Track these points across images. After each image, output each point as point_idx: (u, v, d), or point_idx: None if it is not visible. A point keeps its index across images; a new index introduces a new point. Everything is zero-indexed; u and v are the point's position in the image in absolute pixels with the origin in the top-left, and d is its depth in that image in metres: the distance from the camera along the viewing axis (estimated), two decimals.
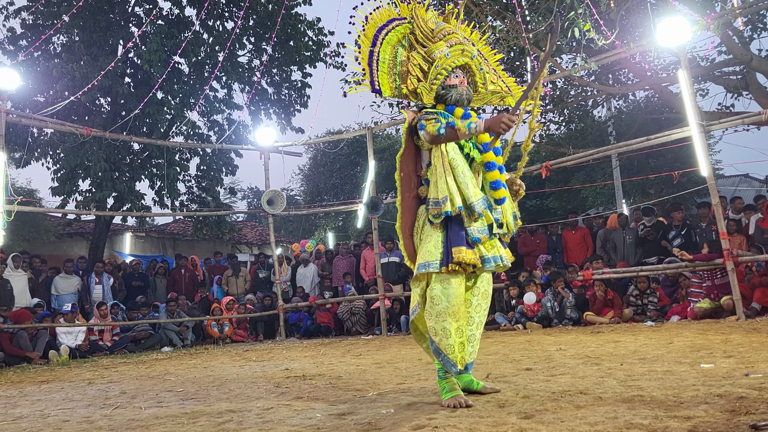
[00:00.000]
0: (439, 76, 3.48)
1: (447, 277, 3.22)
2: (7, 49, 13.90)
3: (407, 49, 3.65)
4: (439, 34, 3.60)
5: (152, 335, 10.73)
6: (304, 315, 11.94)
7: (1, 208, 8.91)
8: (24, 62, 13.16)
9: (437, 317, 3.20)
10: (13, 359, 8.87)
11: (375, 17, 3.61)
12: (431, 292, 3.25)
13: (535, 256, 10.95)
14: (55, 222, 19.07)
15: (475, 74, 3.62)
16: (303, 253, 14.02)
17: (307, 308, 11.98)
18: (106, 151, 13.00)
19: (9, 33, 14.11)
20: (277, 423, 3.01)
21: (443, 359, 3.18)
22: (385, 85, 3.58)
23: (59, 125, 11.12)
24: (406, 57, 3.62)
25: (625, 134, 14.47)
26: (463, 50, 3.54)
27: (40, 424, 3.55)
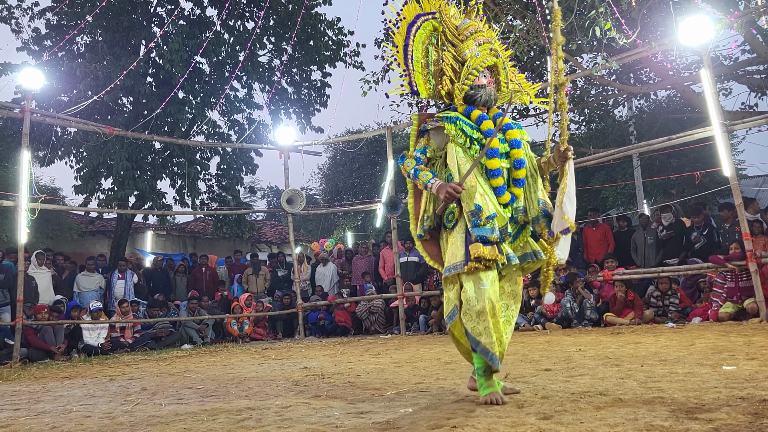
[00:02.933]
0: (470, 77, 3.46)
1: (477, 277, 3.19)
2: (31, 49, 14.10)
3: (437, 47, 3.62)
4: (466, 31, 3.57)
5: (173, 333, 10.84)
6: (325, 314, 11.98)
7: (26, 206, 9.05)
8: (48, 62, 13.34)
9: (478, 318, 3.17)
10: (36, 354, 9.01)
11: (405, 13, 3.58)
12: (465, 295, 3.23)
13: None
14: (78, 220, 19.30)
15: (500, 73, 3.60)
16: (322, 252, 14.07)
17: (326, 307, 12.02)
18: (128, 150, 13.13)
19: (34, 33, 14.32)
20: (296, 421, 3.02)
21: (491, 357, 3.15)
22: (421, 86, 3.57)
23: (82, 124, 11.25)
24: (438, 56, 3.59)
25: (646, 134, 14.34)
26: (491, 49, 3.53)
27: (63, 420, 3.59)
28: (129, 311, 10.53)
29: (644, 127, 15.51)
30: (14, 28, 14.44)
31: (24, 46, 14.15)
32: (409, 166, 3.46)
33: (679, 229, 9.85)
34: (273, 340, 11.56)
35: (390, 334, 10.69)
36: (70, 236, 17.69)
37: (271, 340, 11.56)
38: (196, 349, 9.98)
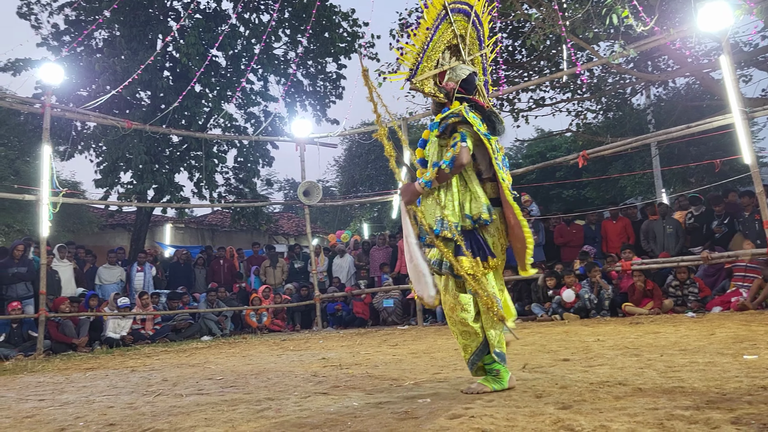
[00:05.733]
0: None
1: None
2: (51, 44, 14.24)
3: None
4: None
5: (192, 325, 10.94)
6: (342, 305, 12.03)
7: (47, 200, 9.16)
8: (67, 57, 13.47)
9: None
10: (59, 346, 9.14)
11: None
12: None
13: (573, 247, 10.81)
14: (98, 213, 19.51)
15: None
16: (339, 243, 14.10)
17: (344, 298, 12.06)
18: (147, 144, 13.24)
19: (53, 29, 14.46)
20: (315, 411, 3.05)
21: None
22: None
23: (101, 119, 11.35)
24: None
25: (664, 122, 14.19)
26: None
27: (86, 410, 3.65)
28: (149, 303, 10.64)
29: (663, 115, 15.35)
30: (34, 24, 14.60)
31: (43, 42, 14.30)
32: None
33: (701, 219, 9.75)
34: (291, 332, 11.63)
35: (407, 325, 10.71)
36: (90, 230, 17.89)
37: (290, 332, 11.63)
38: (215, 341, 10.07)
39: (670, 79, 14.25)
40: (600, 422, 2.35)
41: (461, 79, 3.51)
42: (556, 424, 2.39)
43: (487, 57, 3.88)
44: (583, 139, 15.25)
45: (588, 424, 2.33)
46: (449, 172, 3.28)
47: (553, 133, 19.40)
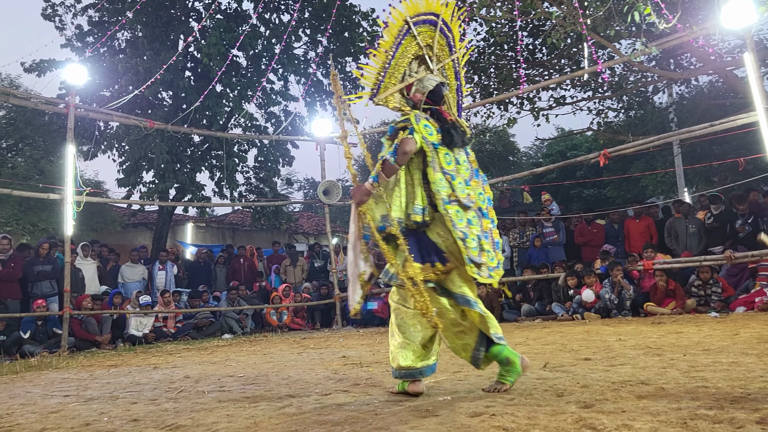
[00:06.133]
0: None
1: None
2: (75, 45, 14.43)
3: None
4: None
5: (213, 323, 11.02)
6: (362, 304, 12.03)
7: (71, 199, 9.29)
8: (91, 58, 13.64)
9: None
10: (83, 344, 9.26)
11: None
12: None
13: (593, 247, 10.74)
14: (121, 212, 19.73)
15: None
16: None
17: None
18: (168, 144, 13.37)
19: (77, 30, 14.65)
20: (336, 408, 3.06)
21: None
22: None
23: (124, 119, 11.47)
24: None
25: (687, 120, 14.02)
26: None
27: (110, 406, 3.70)
28: (171, 301, 10.74)
29: (685, 113, 15.17)
30: (58, 25, 14.82)
31: (67, 43, 14.50)
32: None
33: (724, 218, 9.64)
34: (311, 330, 11.67)
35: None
36: (113, 228, 18.10)
37: (310, 330, 11.67)
38: (236, 339, 10.13)
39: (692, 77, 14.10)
40: (622, 421, 2.34)
41: (428, 91, 3.51)
42: (577, 423, 2.38)
43: (459, 61, 3.88)
44: (604, 137, 15.12)
45: (610, 423, 2.32)
46: (394, 161, 3.23)
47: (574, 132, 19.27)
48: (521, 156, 26.43)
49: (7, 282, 9.57)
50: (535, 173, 12.19)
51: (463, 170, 3.43)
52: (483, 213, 3.48)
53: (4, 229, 14.53)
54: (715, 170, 15.76)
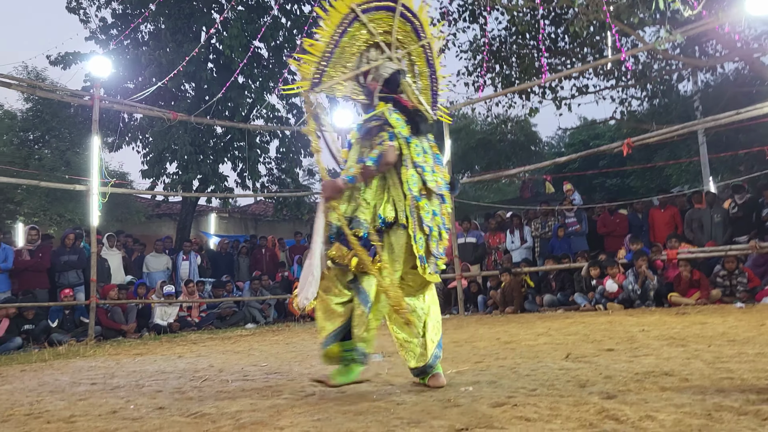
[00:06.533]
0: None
1: None
2: (99, 38, 14.57)
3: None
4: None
5: (237, 312, 11.13)
6: None
7: (97, 190, 9.41)
8: (114, 50, 13.78)
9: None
10: (109, 332, 9.41)
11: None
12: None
13: (616, 237, 10.65)
14: (145, 203, 19.93)
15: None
16: None
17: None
18: (191, 135, 13.48)
19: (101, 23, 14.79)
20: (358, 398, 3.08)
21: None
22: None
23: (148, 110, 11.57)
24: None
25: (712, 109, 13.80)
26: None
27: (136, 394, 3.76)
28: (195, 291, 10.86)
29: (710, 101, 14.94)
30: (82, 18, 14.96)
31: (92, 36, 14.65)
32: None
33: (749, 207, 9.50)
34: None
35: (448, 314, 10.71)
36: (138, 219, 18.29)
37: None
38: (259, 328, 10.22)
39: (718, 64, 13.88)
40: (645, 412, 2.33)
41: (383, 79, 3.44)
42: (600, 414, 2.37)
43: (431, 47, 3.80)
44: (628, 126, 14.97)
45: (633, 414, 2.31)
46: (375, 169, 3.19)
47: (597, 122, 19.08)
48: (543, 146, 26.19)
49: (35, 272, 9.75)
50: (557, 163, 12.10)
51: (429, 158, 3.41)
52: (444, 200, 3.48)
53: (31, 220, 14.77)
54: (741, 159, 15.52)
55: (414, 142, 3.30)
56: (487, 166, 22.70)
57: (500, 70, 13.94)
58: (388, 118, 3.25)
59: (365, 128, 3.36)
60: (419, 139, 3.36)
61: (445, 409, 2.65)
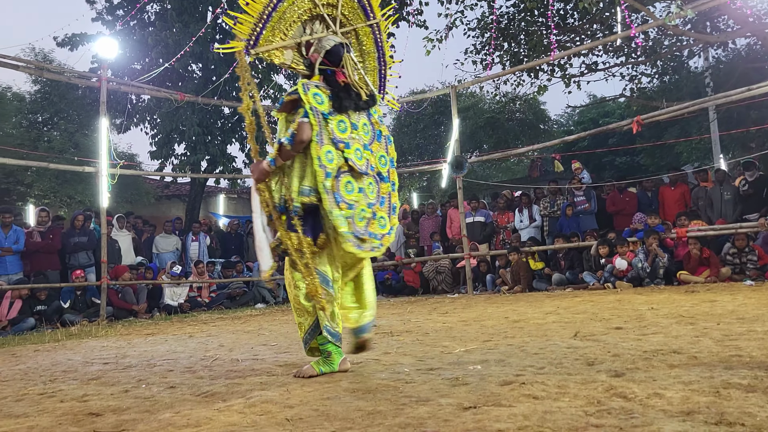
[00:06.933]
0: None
1: None
2: (105, 19, 14.52)
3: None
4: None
5: (246, 293, 11.21)
6: (393, 273, 12.13)
7: (106, 172, 9.45)
8: (121, 32, 13.74)
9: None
10: (120, 313, 9.51)
11: None
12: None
13: (625, 215, 10.61)
14: (154, 184, 20.01)
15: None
16: None
17: (394, 267, 12.15)
18: (199, 116, 13.48)
19: (107, 3, 14.73)
20: (367, 377, 3.10)
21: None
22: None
23: (155, 91, 11.57)
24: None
25: (723, 85, 13.67)
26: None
27: (148, 373, 3.81)
28: (204, 272, 10.93)
29: (721, 77, 14.79)
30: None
31: (98, 17, 14.59)
32: None
33: (760, 184, 9.43)
34: None
35: (457, 294, 10.74)
36: (147, 200, 18.39)
37: None
38: (268, 308, 10.29)
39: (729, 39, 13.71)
40: (654, 390, 2.34)
41: (325, 50, 3.40)
42: (608, 392, 2.38)
43: (380, 28, 3.79)
44: (638, 104, 14.85)
45: (641, 392, 2.32)
46: (290, 148, 3.18)
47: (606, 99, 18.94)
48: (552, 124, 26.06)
49: (47, 253, 9.85)
50: (566, 141, 12.04)
51: (362, 134, 3.37)
52: (382, 177, 3.46)
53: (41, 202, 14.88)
54: (752, 136, 15.39)
55: (337, 119, 3.26)
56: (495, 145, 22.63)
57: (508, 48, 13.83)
58: (302, 95, 3.21)
59: (281, 102, 3.37)
60: (350, 115, 3.33)
61: (454, 388, 2.67)
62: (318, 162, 3.15)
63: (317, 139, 3.17)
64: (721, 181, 9.92)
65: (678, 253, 9.01)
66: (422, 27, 15.15)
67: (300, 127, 3.16)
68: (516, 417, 2.08)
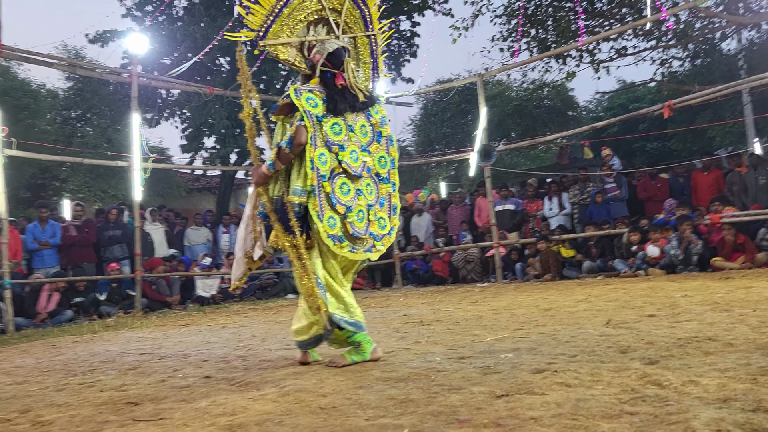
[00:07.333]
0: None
1: None
2: (135, 15, 14.69)
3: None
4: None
5: (277, 283, 11.31)
6: (421, 263, 12.13)
7: (138, 166, 9.59)
8: (150, 27, 13.89)
9: None
10: (154, 304, 9.68)
11: None
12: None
13: (657, 201, 10.46)
14: (185, 178, 20.25)
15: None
16: (417, 202, 14.15)
17: (422, 257, 12.15)
18: (228, 109, 13.58)
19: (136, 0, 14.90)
20: (398, 365, 3.12)
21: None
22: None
23: (185, 85, 11.68)
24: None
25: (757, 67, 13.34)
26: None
27: (183, 363, 3.88)
28: None
29: (755, 60, 14.44)
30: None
31: (128, 13, 14.76)
32: None
33: None
34: (372, 290, 11.84)
35: (486, 283, 10.72)
36: (178, 193, 18.64)
37: (370, 290, 11.84)
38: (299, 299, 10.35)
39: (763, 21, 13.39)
40: (689, 377, 2.32)
41: (327, 53, 3.43)
42: (642, 379, 2.37)
43: (376, 40, 3.84)
44: (669, 88, 14.59)
45: (676, 379, 2.30)
46: (289, 152, 3.24)
47: (636, 84, 18.65)
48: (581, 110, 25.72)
49: (82, 246, 10.05)
50: (595, 128, 11.89)
51: (359, 136, 3.41)
52: (382, 178, 3.50)
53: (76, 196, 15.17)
54: None
55: (331, 121, 3.31)
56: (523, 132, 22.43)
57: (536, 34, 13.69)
58: (294, 100, 3.27)
59: (276, 106, 3.45)
60: (347, 117, 3.38)
61: (485, 376, 2.67)
62: (311, 165, 3.22)
63: (311, 142, 3.23)
64: (756, 165, 9.72)
65: (712, 239, 8.85)
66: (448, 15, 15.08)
67: (298, 131, 3.23)
68: (549, 405, 2.08)
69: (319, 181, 3.22)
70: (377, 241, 3.43)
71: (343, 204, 3.27)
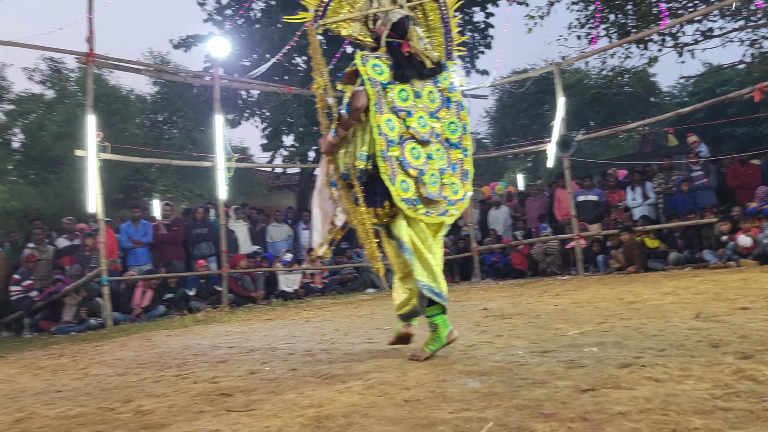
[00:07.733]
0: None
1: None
2: (215, 19, 15.17)
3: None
4: None
5: (357, 278, 11.47)
6: (500, 256, 12.03)
7: (222, 166, 9.93)
8: (230, 30, 14.31)
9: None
10: (240, 300, 10.01)
11: None
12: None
13: (748, 189, 9.98)
14: (266, 176, 20.77)
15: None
16: (494, 195, 14.02)
17: (501, 250, 12.04)
18: (305, 108, 13.84)
19: (217, 4, 15.39)
20: (480, 359, 3.13)
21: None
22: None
23: (264, 86, 11.98)
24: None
25: None
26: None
27: (270, 356, 4.01)
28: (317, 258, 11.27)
29: None
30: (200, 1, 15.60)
31: (209, 18, 15.27)
32: None
33: None
34: (450, 283, 11.78)
35: (567, 276, 10.52)
36: (260, 191, 19.13)
37: (449, 284, 11.76)
38: (379, 293, 10.48)
39: None
40: None
41: (392, 23, 3.41)
42: (736, 374, 2.30)
43: (446, 5, 3.79)
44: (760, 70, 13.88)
45: None
46: (348, 117, 3.24)
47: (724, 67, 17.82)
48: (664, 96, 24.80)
49: (172, 244, 10.51)
50: (680, 114, 11.44)
51: (426, 102, 3.39)
52: (452, 144, 3.46)
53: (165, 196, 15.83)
54: None
55: (398, 88, 3.32)
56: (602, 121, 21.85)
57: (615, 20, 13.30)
58: (359, 67, 3.28)
59: (342, 74, 3.49)
60: (414, 83, 3.38)
61: (570, 370, 2.66)
62: (378, 130, 3.24)
63: (376, 108, 3.26)
64: None
65: None
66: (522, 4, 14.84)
67: (354, 95, 3.27)
68: (637, 399, 2.06)
69: (388, 146, 3.25)
70: (451, 206, 3.44)
71: (415, 168, 3.29)
